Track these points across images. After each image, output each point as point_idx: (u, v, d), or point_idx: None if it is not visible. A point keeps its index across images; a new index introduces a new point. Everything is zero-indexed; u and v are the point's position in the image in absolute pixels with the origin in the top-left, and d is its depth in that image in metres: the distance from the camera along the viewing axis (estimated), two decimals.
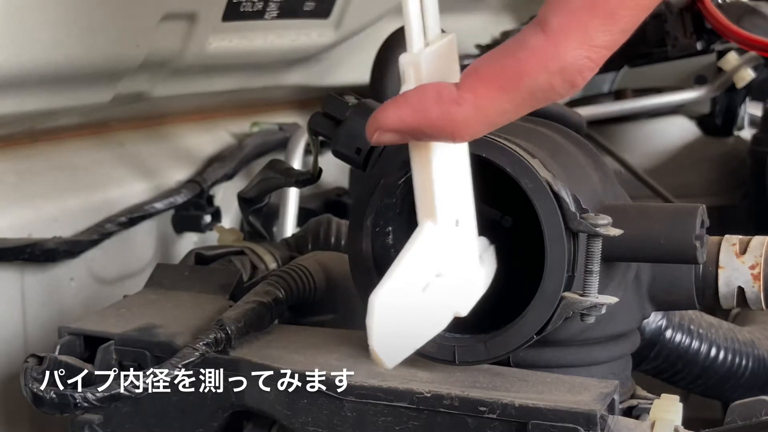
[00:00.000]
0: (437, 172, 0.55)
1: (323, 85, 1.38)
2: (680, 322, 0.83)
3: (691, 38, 1.29)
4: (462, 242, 0.58)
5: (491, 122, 0.51)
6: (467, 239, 0.59)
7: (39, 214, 0.99)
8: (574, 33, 0.48)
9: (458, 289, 0.59)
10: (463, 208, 0.58)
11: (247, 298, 0.72)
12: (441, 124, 0.51)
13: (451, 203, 0.57)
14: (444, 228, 0.56)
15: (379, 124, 0.52)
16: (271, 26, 1.13)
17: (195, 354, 0.65)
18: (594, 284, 0.60)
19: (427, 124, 0.51)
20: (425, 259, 0.56)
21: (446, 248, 0.57)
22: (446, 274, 0.57)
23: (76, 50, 0.89)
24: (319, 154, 0.76)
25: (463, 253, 0.59)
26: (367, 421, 0.62)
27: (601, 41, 0.48)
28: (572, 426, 0.57)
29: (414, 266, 0.55)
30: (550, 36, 0.48)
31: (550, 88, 0.49)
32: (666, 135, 1.52)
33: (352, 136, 0.70)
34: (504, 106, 0.50)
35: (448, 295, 0.58)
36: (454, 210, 0.57)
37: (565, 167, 0.66)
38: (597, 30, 0.48)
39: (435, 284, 0.57)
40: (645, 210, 0.66)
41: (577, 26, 0.48)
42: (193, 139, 1.25)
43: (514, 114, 0.51)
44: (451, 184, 0.57)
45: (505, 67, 0.50)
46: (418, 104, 0.51)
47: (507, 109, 0.50)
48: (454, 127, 0.51)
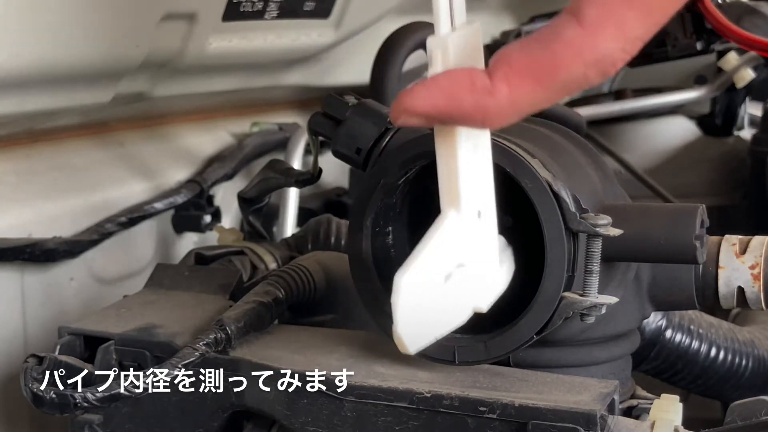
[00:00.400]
0: (463, 160, 0.54)
1: (323, 85, 1.38)
2: (680, 322, 0.83)
3: (691, 38, 1.29)
4: (483, 235, 0.57)
5: (523, 112, 0.51)
6: (488, 232, 0.58)
7: (39, 214, 0.99)
8: (611, 25, 0.48)
9: (479, 283, 0.58)
10: (485, 200, 0.57)
11: (247, 298, 0.72)
12: (473, 112, 0.50)
13: (475, 193, 0.56)
14: (466, 218, 0.56)
15: (407, 107, 0.51)
16: (271, 26, 1.13)
17: (195, 354, 0.66)
18: (594, 284, 0.60)
19: (458, 111, 0.51)
20: (447, 248, 0.55)
21: (468, 239, 0.56)
22: (468, 265, 0.57)
23: (76, 50, 0.89)
24: (319, 154, 0.76)
25: (484, 247, 0.58)
26: (367, 421, 0.62)
27: (636, 33, 0.48)
28: (572, 426, 0.57)
29: (437, 253, 0.54)
30: (587, 28, 0.48)
31: (584, 79, 0.49)
32: (666, 135, 1.53)
33: (352, 136, 0.70)
34: (538, 98, 0.50)
35: (469, 287, 0.57)
36: (477, 201, 0.56)
37: (565, 167, 0.66)
38: (633, 22, 0.48)
39: (457, 275, 0.56)
40: (645, 210, 0.66)
41: (614, 18, 0.48)
42: (193, 139, 1.25)
43: (546, 104, 0.51)
44: (474, 174, 0.56)
45: (539, 59, 0.49)
46: (449, 90, 0.50)
47: (540, 99, 0.50)
48: (485, 116, 0.50)
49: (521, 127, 0.72)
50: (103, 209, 1.05)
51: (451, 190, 0.55)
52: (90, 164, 1.10)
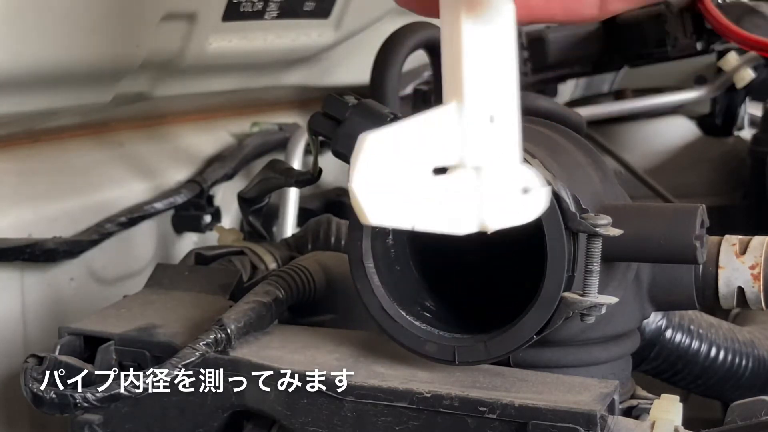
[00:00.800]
0: (468, 46, 0.49)
1: (323, 85, 1.38)
2: (680, 322, 0.83)
3: (691, 38, 1.29)
4: (496, 143, 0.51)
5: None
6: (505, 142, 0.51)
7: (39, 214, 0.99)
8: None
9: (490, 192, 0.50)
10: (502, 104, 0.51)
11: (247, 298, 0.72)
12: None
13: (484, 92, 0.50)
14: (471, 115, 0.50)
15: None
16: (271, 26, 1.13)
17: (195, 354, 0.66)
18: (594, 284, 0.60)
19: None
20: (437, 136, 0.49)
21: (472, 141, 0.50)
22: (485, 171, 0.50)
23: (76, 50, 0.89)
24: (319, 154, 0.76)
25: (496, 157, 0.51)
26: (367, 421, 0.62)
27: None
28: (572, 426, 0.57)
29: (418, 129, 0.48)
30: None
31: None
32: (666, 135, 1.53)
33: (352, 136, 0.69)
34: None
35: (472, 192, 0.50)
36: (488, 102, 0.51)
37: (565, 167, 0.66)
38: None
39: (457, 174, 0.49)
40: (645, 210, 0.66)
41: None
42: (193, 139, 1.25)
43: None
44: (486, 71, 0.50)
45: None
46: None
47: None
48: None
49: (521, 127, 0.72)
50: (103, 209, 1.05)
51: (453, 81, 0.49)
52: (90, 164, 1.10)
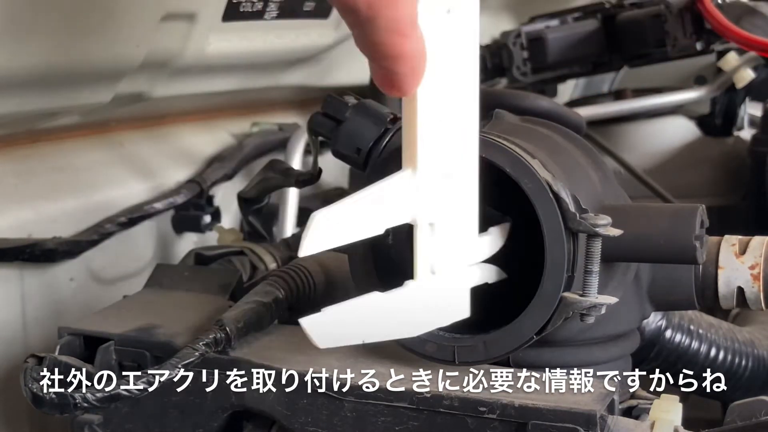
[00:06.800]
0: (422, 115, 0.54)
1: (323, 85, 1.38)
2: (680, 323, 0.83)
3: (690, 38, 1.29)
4: (453, 197, 0.56)
5: None
6: (463, 195, 0.56)
7: (39, 214, 0.99)
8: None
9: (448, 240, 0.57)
10: (460, 161, 0.56)
11: (247, 298, 0.72)
12: None
13: (439, 153, 0.55)
14: (425, 177, 0.54)
15: None
16: (271, 26, 1.13)
17: (195, 354, 0.65)
18: (594, 284, 0.60)
19: None
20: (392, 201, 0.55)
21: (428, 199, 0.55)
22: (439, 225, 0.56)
23: (76, 50, 0.89)
24: (319, 154, 0.76)
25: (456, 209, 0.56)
26: (366, 421, 0.62)
27: None
28: (572, 426, 0.57)
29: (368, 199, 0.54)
30: None
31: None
32: (666, 135, 1.52)
33: (352, 136, 0.70)
34: None
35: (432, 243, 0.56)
36: (444, 161, 0.55)
37: (565, 167, 0.66)
38: None
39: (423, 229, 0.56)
40: (645, 210, 0.66)
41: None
42: (193, 139, 1.25)
43: None
44: (441, 133, 0.55)
45: None
46: None
47: None
48: None
49: (521, 127, 0.72)
50: (103, 209, 1.05)
51: (408, 148, 0.55)
52: (90, 164, 1.10)
